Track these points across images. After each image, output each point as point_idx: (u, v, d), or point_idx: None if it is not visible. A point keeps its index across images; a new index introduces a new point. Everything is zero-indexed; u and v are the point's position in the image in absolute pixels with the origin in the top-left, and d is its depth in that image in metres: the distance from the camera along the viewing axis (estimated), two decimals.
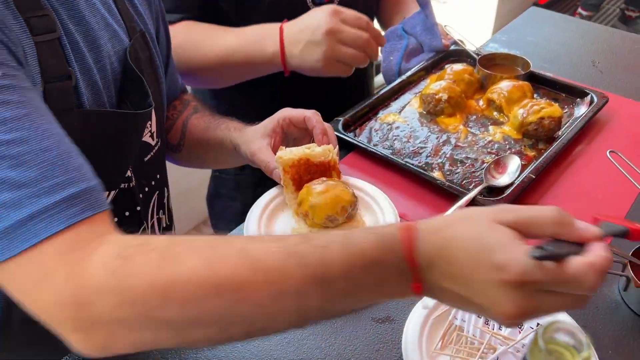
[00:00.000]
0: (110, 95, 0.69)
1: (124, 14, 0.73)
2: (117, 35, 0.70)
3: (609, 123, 1.02)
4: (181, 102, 0.98)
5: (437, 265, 0.46)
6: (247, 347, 0.65)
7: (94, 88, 0.66)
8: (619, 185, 0.84)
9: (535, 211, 0.46)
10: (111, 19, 0.70)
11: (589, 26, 1.39)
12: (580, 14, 3.57)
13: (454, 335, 0.65)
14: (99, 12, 0.67)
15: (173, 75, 0.96)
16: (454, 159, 0.91)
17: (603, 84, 1.13)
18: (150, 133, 0.78)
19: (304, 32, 0.93)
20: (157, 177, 0.83)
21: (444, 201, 0.85)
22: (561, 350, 0.31)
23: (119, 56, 0.71)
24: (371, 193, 0.83)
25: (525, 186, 0.83)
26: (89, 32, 0.65)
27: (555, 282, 0.42)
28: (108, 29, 0.69)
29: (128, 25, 0.73)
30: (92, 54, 0.66)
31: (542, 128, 0.93)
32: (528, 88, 1.01)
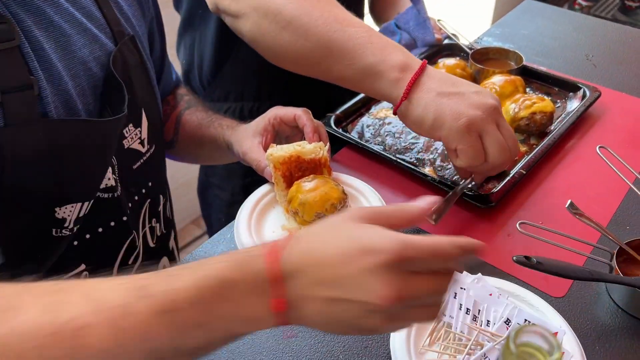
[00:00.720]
0: (87, 102, 0.68)
1: (110, 19, 0.72)
2: (98, 40, 0.69)
3: (601, 117, 1.02)
4: (174, 96, 0.97)
5: (304, 273, 0.44)
6: (236, 345, 0.66)
7: (64, 96, 0.64)
8: (610, 181, 0.84)
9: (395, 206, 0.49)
10: (90, 24, 0.69)
11: (584, 19, 1.38)
12: (580, 4, 3.55)
13: (442, 331, 0.65)
14: (73, 17, 0.66)
15: (168, 72, 0.96)
16: (445, 155, 0.92)
17: (596, 78, 1.13)
18: (140, 140, 0.77)
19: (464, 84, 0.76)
20: (149, 184, 0.82)
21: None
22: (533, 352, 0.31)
23: (100, 62, 0.69)
24: (362, 190, 0.83)
25: (516, 181, 0.84)
26: (59, 38, 0.64)
27: (424, 258, 0.42)
28: (85, 34, 0.68)
29: (114, 29, 0.72)
30: (63, 61, 0.64)
31: (534, 123, 0.93)
32: (520, 82, 1.01)
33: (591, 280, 0.66)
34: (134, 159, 0.77)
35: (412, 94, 0.75)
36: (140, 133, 0.77)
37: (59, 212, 0.66)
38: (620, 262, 0.70)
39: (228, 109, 1.13)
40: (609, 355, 0.64)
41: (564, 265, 0.64)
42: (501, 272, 0.74)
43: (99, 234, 0.73)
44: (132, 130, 0.76)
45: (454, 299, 0.66)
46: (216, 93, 1.13)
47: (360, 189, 0.83)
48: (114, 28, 0.72)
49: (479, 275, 0.69)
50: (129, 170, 0.76)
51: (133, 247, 0.79)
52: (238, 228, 0.77)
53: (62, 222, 0.67)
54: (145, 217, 0.82)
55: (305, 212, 0.74)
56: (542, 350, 0.31)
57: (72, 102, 0.65)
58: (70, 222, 0.68)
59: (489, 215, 0.82)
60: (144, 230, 0.82)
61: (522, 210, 0.83)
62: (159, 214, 0.86)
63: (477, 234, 0.79)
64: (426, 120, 0.74)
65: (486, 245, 0.47)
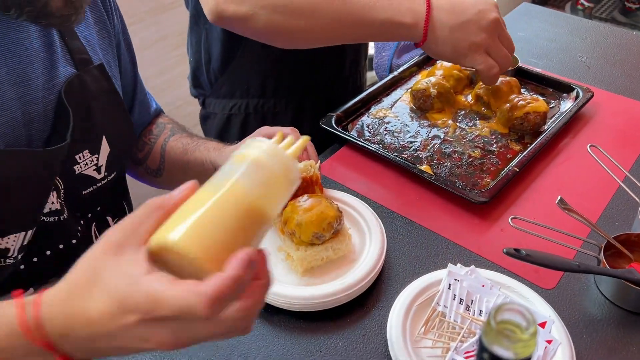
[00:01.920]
0: (39, 129, 0.68)
1: (71, 47, 0.73)
2: (58, 68, 0.70)
3: (593, 117, 1.05)
4: (157, 126, 0.97)
5: (73, 335, 0.44)
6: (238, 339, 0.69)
7: (10, 125, 0.64)
8: (600, 179, 0.87)
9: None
10: (51, 51, 0.69)
11: (579, 22, 1.41)
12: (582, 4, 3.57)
13: (437, 320, 0.69)
14: (30, 45, 0.66)
15: (144, 99, 0.95)
16: (442, 153, 0.95)
17: (590, 79, 1.16)
18: (95, 167, 0.77)
19: (467, 8, 0.87)
20: (98, 209, 0.81)
21: (431, 193, 0.88)
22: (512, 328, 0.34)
23: (57, 89, 0.70)
24: (354, 205, 0.83)
25: (509, 179, 0.87)
26: (16, 67, 0.64)
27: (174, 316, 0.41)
28: (44, 62, 0.68)
29: (76, 57, 0.73)
30: (17, 88, 0.64)
31: (528, 123, 0.96)
32: (515, 83, 1.04)
33: (579, 272, 0.70)
34: (85, 184, 0.76)
35: (430, 35, 0.87)
36: (97, 160, 0.77)
37: (1, 242, 0.66)
38: (608, 256, 0.74)
39: (234, 105, 1.17)
40: (595, 343, 0.67)
41: (552, 257, 0.67)
42: (494, 264, 0.77)
43: (47, 257, 0.73)
44: (88, 156, 0.75)
45: (448, 289, 0.70)
46: (223, 90, 1.16)
47: (352, 205, 0.83)
48: (75, 56, 0.73)
49: (472, 268, 0.72)
50: (78, 195, 0.76)
51: None
52: None
53: (5, 252, 0.67)
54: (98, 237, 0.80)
55: (302, 232, 0.73)
56: (520, 327, 0.34)
57: (17, 130, 0.65)
58: (15, 250, 0.68)
59: (483, 211, 0.85)
60: None
61: (514, 206, 0.86)
62: None
63: (471, 229, 0.82)
64: (446, 53, 0.89)
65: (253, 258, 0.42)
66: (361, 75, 1.28)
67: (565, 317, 0.69)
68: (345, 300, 0.71)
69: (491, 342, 0.34)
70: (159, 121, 0.98)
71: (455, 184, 0.87)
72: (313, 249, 0.74)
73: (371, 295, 0.73)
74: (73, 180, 0.74)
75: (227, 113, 1.18)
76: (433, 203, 0.87)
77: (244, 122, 1.18)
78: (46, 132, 0.69)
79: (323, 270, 0.75)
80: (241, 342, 0.68)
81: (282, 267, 0.76)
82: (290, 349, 0.67)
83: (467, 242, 0.80)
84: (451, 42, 0.87)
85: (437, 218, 0.84)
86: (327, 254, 0.75)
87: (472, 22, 0.86)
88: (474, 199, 0.83)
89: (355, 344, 0.68)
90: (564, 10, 3.31)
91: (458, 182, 0.89)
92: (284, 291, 0.70)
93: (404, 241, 0.81)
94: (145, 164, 0.96)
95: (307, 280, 0.74)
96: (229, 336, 0.45)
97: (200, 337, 0.43)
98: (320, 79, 1.18)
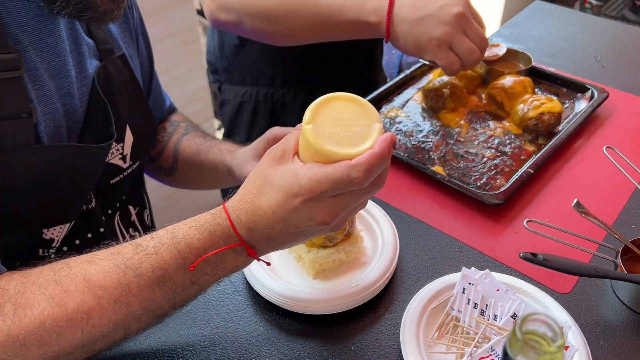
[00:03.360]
0: (75, 120, 0.69)
1: (96, 37, 0.73)
2: (85, 59, 0.71)
3: (609, 118, 1.03)
4: (171, 123, 0.97)
5: (256, 228, 0.54)
6: (246, 327, 0.68)
7: (53, 118, 0.65)
8: (616, 181, 0.86)
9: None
10: (79, 43, 0.70)
11: (593, 20, 1.39)
12: (590, 3, 3.54)
13: (450, 325, 0.68)
14: (62, 38, 0.67)
15: (159, 95, 0.95)
16: (454, 154, 0.94)
17: (605, 79, 1.14)
18: (121, 155, 0.78)
19: (429, 2, 0.87)
20: (123, 198, 0.82)
21: (444, 195, 0.87)
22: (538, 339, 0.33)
23: (86, 80, 0.71)
24: (366, 207, 0.81)
25: (523, 180, 0.85)
26: (54, 59, 0.65)
27: (333, 188, 0.50)
28: (75, 53, 0.69)
29: (101, 47, 0.73)
30: (55, 81, 0.65)
31: (542, 123, 0.95)
32: (529, 83, 1.03)
33: (596, 277, 0.68)
34: (113, 174, 0.78)
35: (392, 32, 0.89)
36: (122, 149, 0.78)
37: (47, 233, 0.68)
38: (625, 260, 0.72)
39: (245, 92, 1.17)
40: (613, 350, 0.66)
41: (569, 262, 0.66)
42: (508, 268, 0.76)
43: (76, 245, 0.74)
44: (114, 145, 0.76)
45: (462, 293, 0.69)
46: (235, 76, 1.17)
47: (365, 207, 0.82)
48: (100, 46, 0.74)
49: (487, 271, 0.71)
50: (106, 184, 0.77)
51: None
52: None
53: (50, 243, 0.69)
54: (120, 228, 0.82)
55: None
56: (546, 338, 0.33)
57: (60, 123, 0.66)
58: (58, 241, 0.69)
59: (497, 213, 0.84)
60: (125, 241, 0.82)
61: (529, 208, 0.85)
62: (134, 223, 0.86)
63: (485, 231, 0.81)
64: (409, 48, 0.90)
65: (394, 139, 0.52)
66: (377, 73, 1.27)
67: (581, 322, 0.68)
68: (357, 303, 0.70)
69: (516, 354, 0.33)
70: (173, 119, 0.98)
71: (469, 186, 0.86)
72: (325, 251, 0.73)
73: (383, 298, 0.72)
74: (103, 170, 0.75)
75: (239, 100, 1.19)
76: (446, 205, 0.86)
77: (254, 110, 1.19)
78: (80, 124, 0.71)
79: (334, 272, 0.75)
80: (251, 345, 0.67)
81: (293, 269, 0.75)
82: (301, 352, 0.67)
83: (481, 245, 0.79)
84: (412, 37, 0.88)
85: (450, 220, 0.83)
86: (339, 257, 0.74)
87: (432, 17, 0.86)
88: (488, 201, 0.82)
89: (368, 348, 0.67)
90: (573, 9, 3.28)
91: (471, 183, 0.87)
92: (295, 294, 0.69)
93: (417, 244, 0.80)
94: (158, 162, 0.96)
95: (319, 283, 0.73)
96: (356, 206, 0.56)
97: (350, 208, 0.54)
98: (331, 73, 1.17)
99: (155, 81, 0.94)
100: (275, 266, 0.75)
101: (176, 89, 1.92)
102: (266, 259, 0.75)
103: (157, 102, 0.95)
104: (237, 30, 0.97)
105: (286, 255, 0.77)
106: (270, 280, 0.71)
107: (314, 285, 0.73)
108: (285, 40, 0.97)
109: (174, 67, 1.89)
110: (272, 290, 0.70)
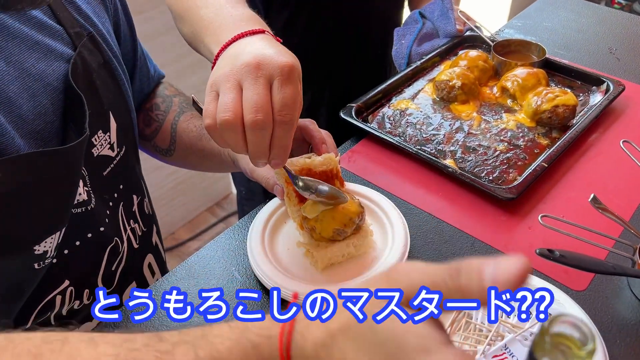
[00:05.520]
0: (49, 121, 0.63)
1: (65, 22, 0.67)
2: (54, 50, 0.65)
3: (625, 111, 1.01)
4: (163, 99, 0.91)
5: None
6: None
7: (21, 122, 0.59)
8: (632, 176, 0.84)
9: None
10: (43, 34, 0.64)
11: (607, 12, 1.36)
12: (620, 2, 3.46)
13: (463, 322, 0.66)
14: (22, 33, 0.61)
15: (144, 66, 0.90)
16: (466, 147, 0.92)
17: (620, 72, 1.12)
18: (109, 145, 0.73)
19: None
20: (121, 187, 0.78)
21: (455, 189, 0.85)
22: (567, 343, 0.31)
23: (59, 73, 0.64)
24: (376, 200, 0.80)
25: (537, 174, 0.83)
26: (9, 58, 0.59)
27: None
28: (39, 47, 0.63)
29: (71, 32, 0.67)
30: (17, 82, 0.59)
31: (556, 116, 0.93)
32: (543, 75, 1.01)
33: (614, 274, 0.66)
34: (104, 165, 0.73)
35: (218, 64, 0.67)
36: (109, 137, 0.73)
37: (39, 248, 0.62)
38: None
39: None
40: (630, 348, 0.64)
41: (586, 258, 0.64)
42: None
43: (77, 247, 0.70)
44: (102, 136, 0.72)
45: None
46: None
47: (374, 199, 0.80)
48: (70, 31, 0.67)
49: None
50: (100, 177, 0.72)
51: (116, 254, 0.76)
52: (252, 249, 0.73)
53: (43, 256, 0.63)
54: (124, 221, 0.78)
55: (323, 229, 0.70)
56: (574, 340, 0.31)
57: (29, 124, 0.61)
58: (51, 251, 0.64)
59: (510, 207, 0.82)
60: (127, 235, 0.78)
61: (543, 203, 0.83)
62: (134, 213, 0.82)
63: (497, 226, 0.79)
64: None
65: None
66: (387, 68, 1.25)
67: (597, 320, 0.66)
68: None
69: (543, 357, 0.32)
70: (165, 93, 0.92)
71: (481, 179, 0.84)
72: (334, 245, 0.71)
73: None
74: (93, 164, 0.71)
75: None
76: (457, 199, 0.84)
77: None
78: (57, 122, 0.65)
79: (344, 267, 0.73)
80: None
81: (301, 263, 0.74)
82: None
83: (493, 240, 0.77)
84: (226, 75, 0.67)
85: (462, 214, 0.81)
86: (348, 251, 0.72)
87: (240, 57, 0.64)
88: (500, 195, 0.80)
89: None
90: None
91: (483, 177, 0.85)
92: (303, 289, 0.68)
93: (427, 238, 0.78)
94: (154, 142, 0.92)
95: (327, 277, 0.72)
96: None
97: None
98: (340, 67, 1.15)
99: (139, 50, 0.87)
100: (283, 260, 0.73)
101: (181, 80, 1.90)
102: (273, 254, 0.74)
103: (144, 73, 0.89)
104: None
105: (294, 248, 0.75)
106: (278, 274, 0.70)
107: (323, 279, 0.71)
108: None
109: (179, 58, 1.87)
110: (280, 285, 0.68)
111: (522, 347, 0.63)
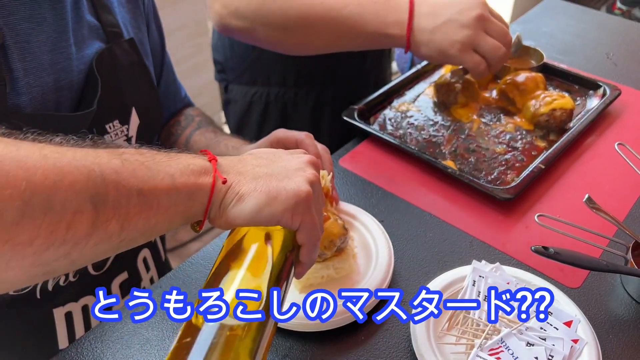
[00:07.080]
0: (67, 96, 0.69)
1: (103, 19, 0.74)
2: (89, 40, 0.72)
3: (620, 115, 1.03)
4: (186, 117, 0.97)
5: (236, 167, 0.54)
6: None
7: (41, 90, 0.65)
8: (627, 178, 0.86)
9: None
10: (83, 23, 0.71)
11: (605, 18, 1.39)
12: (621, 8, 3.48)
13: (461, 317, 0.68)
14: (65, 16, 0.67)
15: (172, 82, 0.95)
16: (465, 148, 0.94)
17: (616, 76, 1.14)
18: (126, 137, 0.78)
19: (447, 8, 0.88)
20: None
21: (455, 189, 0.87)
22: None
23: (88, 60, 0.71)
24: (364, 221, 0.79)
25: (534, 176, 0.86)
26: (51, 34, 0.65)
27: None
28: (78, 32, 0.70)
29: (108, 30, 0.74)
30: (50, 55, 0.66)
31: (554, 119, 0.95)
32: (541, 79, 1.03)
33: (607, 271, 0.68)
34: None
35: (413, 42, 0.89)
36: (127, 130, 0.78)
37: None
38: (635, 256, 0.72)
39: (255, 93, 1.17)
40: (622, 344, 0.66)
41: (580, 256, 0.66)
42: (518, 262, 0.76)
43: None
44: (118, 126, 0.76)
45: (472, 286, 0.69)
46: (245, 77, 1.16)
47: (362, 220, 0.79)
48: (107, 29, 0.74)
49: (497, 265, 0.71)
50: None
51: None
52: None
53: None
54: None
55: None
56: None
57: (47, 95, 0.66)
58: None
59: (507, 208, 0.84)
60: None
61: (540, 203, 0.85)
62: None
63: (495, 226, 0.81)
64: (433, 56, 0.90)
65: None
66: (385, 69, 1.27)
67: (591, 316, 0.68)
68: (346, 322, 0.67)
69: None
70: (189, 113, 0.97)
71: (480, 180, 0.86)
72: (313, 266, 0.67)
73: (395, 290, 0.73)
74: None
75: (248, 100, 1.18)
76: (456, 199, 0.86)
77: (264, 110, 1.18)
78: (74, 100, 0.71)
79: (324, 288, 0.71)
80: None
81: None
82: (312, 345, 0.67)
83: (492, 239, 0.79)
84: (435, 45, 0.88)
85: (461, 214, 0.83)
86: (327, 272, 0.72)
87: (452, 22, 0.87)
88: (498, 195, 0.82)
89: (379, 338, 0.68)
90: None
91: (482, 178, 0.88)
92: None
93: (427, 237, 0.80)
94: None
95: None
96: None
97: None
98: (342, 71, 1.17)
99: (167, 68, 0.93)
100: None
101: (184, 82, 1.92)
102: None
103: (171, 90, 0.95)
104: (246, 38, 0.95)
105: None
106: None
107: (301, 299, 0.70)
108: (299, 50, 0.95)
109: (182, 60, 1.89)
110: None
111: (518, 341, 0.65)
